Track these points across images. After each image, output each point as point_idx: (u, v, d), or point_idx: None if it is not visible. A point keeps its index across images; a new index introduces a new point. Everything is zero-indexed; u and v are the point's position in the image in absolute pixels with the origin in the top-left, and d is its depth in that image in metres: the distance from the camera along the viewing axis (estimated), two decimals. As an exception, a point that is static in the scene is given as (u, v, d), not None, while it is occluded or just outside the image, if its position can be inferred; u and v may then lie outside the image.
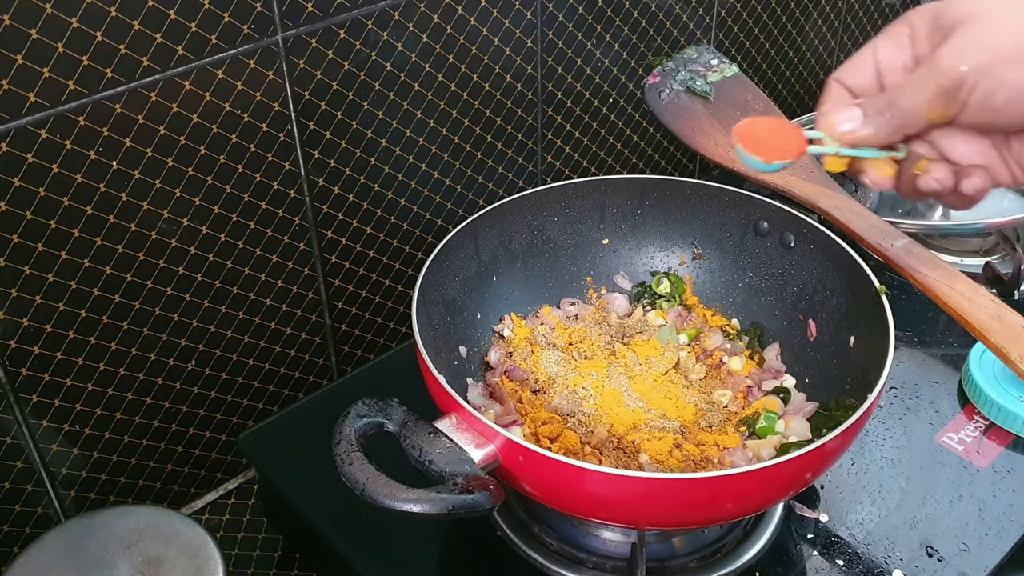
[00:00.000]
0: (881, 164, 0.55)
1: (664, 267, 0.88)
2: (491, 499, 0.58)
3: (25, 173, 0.63)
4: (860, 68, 0.55)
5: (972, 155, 0.53)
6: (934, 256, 0.68)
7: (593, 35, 0.95)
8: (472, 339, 0.81)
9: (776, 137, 0.56)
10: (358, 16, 0.76)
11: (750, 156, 0.56)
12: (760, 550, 0.72)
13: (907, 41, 0.53)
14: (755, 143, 0.56)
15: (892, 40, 0.53)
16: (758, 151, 0.56)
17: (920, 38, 0.52)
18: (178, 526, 0.63)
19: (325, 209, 0.82)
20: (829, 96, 0.56)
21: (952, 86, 0.48)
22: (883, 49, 0.54)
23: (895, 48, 0.53)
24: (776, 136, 0.56)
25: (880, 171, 0.55)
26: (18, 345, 0.68)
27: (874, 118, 0.52)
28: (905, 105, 0.51)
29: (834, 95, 0.55)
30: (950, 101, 0.49)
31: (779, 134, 0.57)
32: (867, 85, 0.55)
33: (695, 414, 0.75)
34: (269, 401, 0.87)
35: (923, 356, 0.90)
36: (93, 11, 0.62)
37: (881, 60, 0.54)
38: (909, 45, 0.53)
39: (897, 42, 0.53)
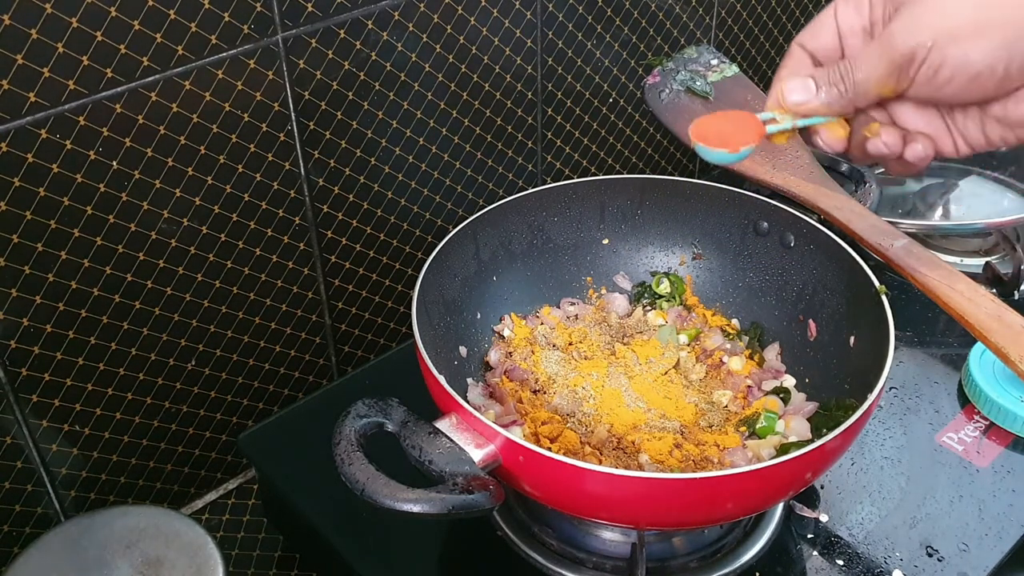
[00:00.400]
0: (834, 126, 0.56)
1: (664, 267, 0.88)
2: (491, 499, 0.58)
3: (25, 173, 0.63)
4: (821, 31, 0.56)
5: (920, 124, 0.54)
6: (934, 256, 0.68)
7: (593, 35, 0.95)
8: (472, 339, 0.81)
9: (732, 127, 0.57)
10: (358, 16, 0.76)
11: (715, 150, 0.56)
12: (760, 550, 0.72)
13: (866, 5, 0.54)
14: (715, 137, 0.56)
15: (852, 4, 0.55)
16: (721, 144, 0.56)
17: (877, 4, 0.53)
18: (178, 526, 0.63)
19: (325, 209, 0.82)
20: (790, 59, 0.57)
21: (903, 61, 0.50)
22: (843, 12, 0.55)
23: (855, 11, 0.54)
24: (732, 126, 0.57)
25: (833, 132, 0.56)
26: (18, 345, 0.68)
27: (827, 90, 0.54)
28: (858, 79, 0.52)
29: (795, 58, 0.57)
30: (900, 76, 0.50)
31: (734, 123, 0.57)
32: (828, 48, 0.56)
33: (695, 414, 0.75)
34: (269, 401, 0.87)
35: (923, 356, 0.90)
36: (93, 11, 0.62)
37: (841, 23, 0.55)
38: (867, 9, 0.54)
39: (856, 5, 0.54)
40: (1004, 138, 0.53)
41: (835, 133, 0.56)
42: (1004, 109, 0.51)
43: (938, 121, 0.54)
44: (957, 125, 0.54)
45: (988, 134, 0.53)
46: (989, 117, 0.52)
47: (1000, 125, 0.52)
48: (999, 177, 1.11)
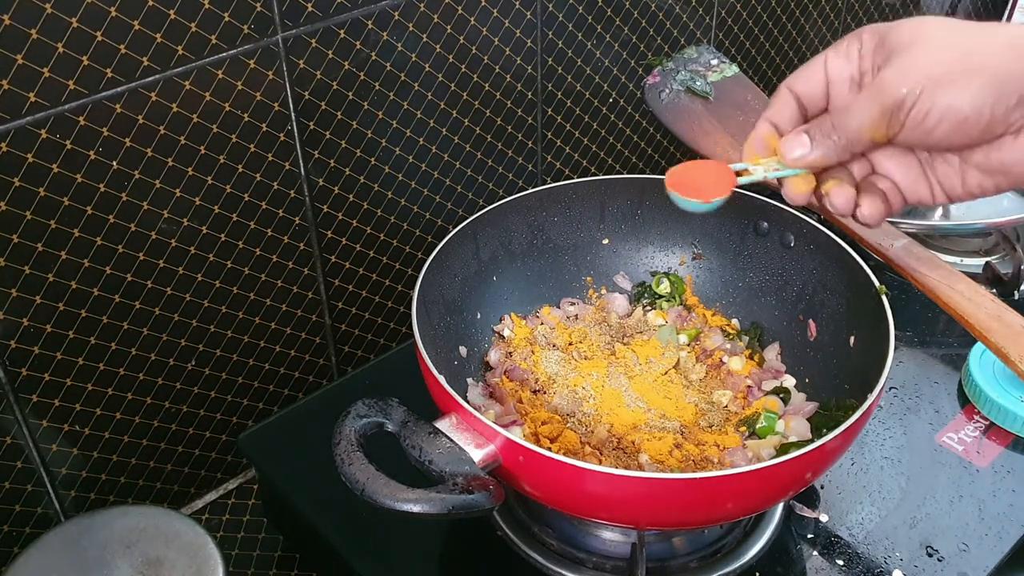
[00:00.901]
0: (799, 180, 0.58)
1: (664, 267, 0.88)
2: (491, 499, 0.58)
3: (25, 173, 0.63)
4: (810, 77, 0.57)
5: (898, 171, 0.56)
6: (934, 256, 0.68)
7: (593, 35, 0.95)
8: (472, 339, 0.81)
9: (707, 177, 0.59)
10: (358, 16, 0.76)
11: (689, 200, 0.58)
12: (760, 550, 0.72)
13: (856, 55, 0.55)
14: (690, 187, 0.59)
15: (842, 53, 0.56)
16: (695, 194, 0.58)
17: (867, 54, 0.55)
18: (178, 526, 0.63)
19: (325, 209, 0.82)
20: (777, 101, 0.58)
21: (894, 106, 0.51)
22: (833, 60, 0.56)
23: (844, 61, 0.56)
24: (707, 176, 0.59)
25: (797, 187, 0.58)
26: (18, 345, 0.68)
27: (822, 141, 0.55)
28: (851, 126, 0.54)
29: (781, 100, 0.58)
30: (891, 121, 0.52)
31: (709, 174, 0.60)
32: (814, 94, 0.57)
33: (695, 414, 0.75)
34: (269, 401, 0.87)
35: (923, 356, 0.91)
36: (93, 11, 0.62)
37: (831, 71, 0.56)
38: (857, 59, 0.55)
39: (847, 55, 0.56)
40: (982, 186, 0.54)
41: (800, 188, 0.58)
42: (985, 156, 0.53)
43: (917, 169, 0.56)
44: (937, 174, 0.56)
45: (967, 182, 0.54)
46: (969, 165, 0.54)
47: (979, 172, 0.54)
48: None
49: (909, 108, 0.51)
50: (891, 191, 0.57)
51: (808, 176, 0.57)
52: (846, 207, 0.57)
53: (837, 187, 0.57)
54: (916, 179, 0.56)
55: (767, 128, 0.58)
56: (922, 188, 0.56)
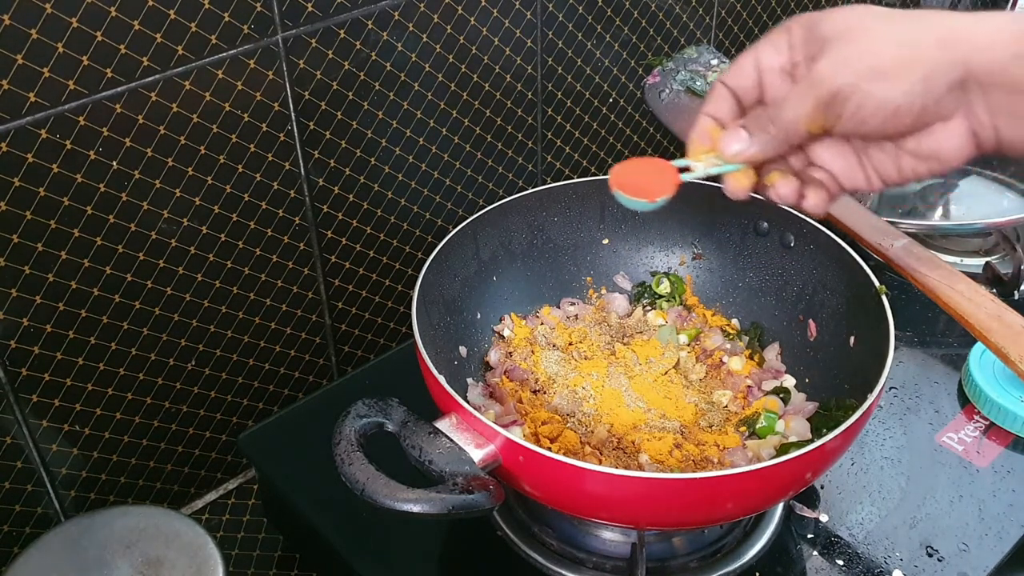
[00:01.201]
0: (739, 175, 0.59)
1: (664, 267, 0.88)
2: (491, 499, 0.58)
3: (25, 173, 0.63)
4: (743, 71, 0.58)
5: (834, 161, 0.57)
6: (934, 256, 0.68)
7: (593, 35, 0.95)
8: (472, 339, 0.81)
9: (651, 176, 0.60)
10: (358, 16, 0.76)
11: (634, 199, 0.59)
12: (760, 550, 0.72)
13: (785, 47, 0.56)
14: (634, 187, 0.59)
15: (772, 45, 0.57)
16: (640, 193, 0.59)
17: (797, 44, 0.55)
18: (178, 526, 0.63)
19: (325, 209, 0.82)
20: (712, 96, 0.59)
21: (830, 98, 0.52)
22: (763, 52, 0.57)
23: (774, 52, 0.57)
24: (650, 175, 0.60)
25: (738, 181, 0.59)
26: (18, 345, 0.68)
27: (759, 135, 0.56)
28: (787, 118, 0.54)
29: (719, 97, 0.59)
30: (828, 112, 0.53)
31: (651, 172, 0.60)
32: (748, 86, 0.58)
33: (695, 414, 0.75)
34: (269, 401, 0.87)
35: (923, 356, 0.91)
36: (93, 11, 0.62)
37: (762, 63, 0.57)
38: (787, 50, 0.56)
39: (776, 47, 0.57)
40: (916, 171, 0.55)
41: (740, 182, 0.59)
42: (918, 143, 0.54)
43: (852, 157, 0.57)
44: (872, 161, 0.56)
45: (902, 167, 0.55)
46: (903, 151, 0.55)
47: (913, 158, 0.55)
48: (999, 177, 1.11)
49: (845, 100, 0.51)
50: (829, 180, 0.58)
51: (748, 171, 0.58)
52: (792, 197, 0.58)
53: (782, 178, 0.58)
54: (852, 167, 0.57)
55: (707, 122, 0.59)
56: (858, 176, 0.57)
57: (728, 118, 0.59)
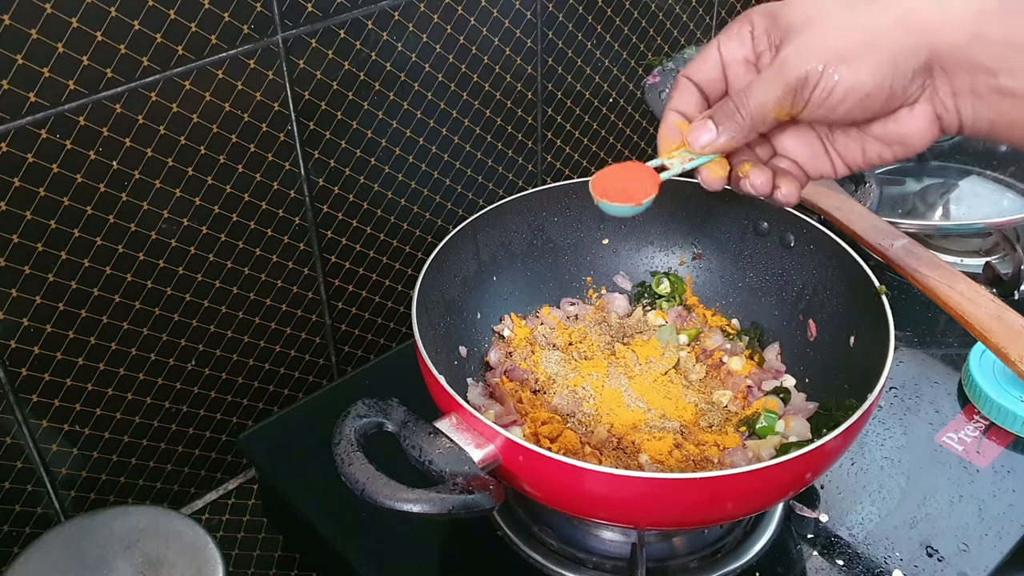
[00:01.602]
0: (714, 166, 0.59)
1: (664, 267, 0.88)
2: (491, 499, 0.58)
3: (25, 173, 0.63)
4: (706, 63, 0.58)
5: (800, 149, 0.58)
6: (934, 256, 0.69)
7: (593, 35, 0.95)
8: (472, 339, 0.81)
9: (630, 179, 0.60)
10: (358, 16, 0.76)
11: (619, 205, 0.59)
12: (760, 550, 0.72)
13: (748, 37, 0.56)
14: (616, 193, 0.59)
15: (734, 36, 0.57)
16: (623, 199, 0.59)
17: (759, 35, 0.56)
18: (178, 526, 0.63)
19: (325, 209, 0.82)
20: (676, 91, 0.60)
21: (797, 84, 0.52)
22: (726, 44, 0.57)
23: (737, 43, 0.57)
24: (629, 179, 0.60)
25: (713, 172, 0.59)
26: (18, 345, 0.68)
27: (727, 125, 0.56)
28: (754, 104, 0.54)
29: (681, 90, 0.59)
30: (796, 99, 0.53)
31: (630, 176, 0.60)
32: (712, 79, 0.58)
33: (695, 414, 0.75)
34: (269, 401, 0.87)
35: (923, 356, 0.91)
36: (93, 11, 0.62)
37: (724, 54, 0.57)
38: (750, 41, 0.56)
39: (739, 38, 0.57)
40: (881, 156, 0.55)
41: (715, 173, 0.59)
42: (884, 127, 0.54)
43: (817, 145, 0.57)
44: (837, 148, 0.57)
45: (867, 152, 0.56)
46: (869, 136, 0.55)
47: (879, 143, 0.55)
48: (999, 177, 1.11)
49: (813, 85, 0.52)
50: (794, 169, 0.58)
51: (722, 161, 0.59)
52: (766, 187, 0.58)
53: (755, 169, 0.58)
54: (817, 155, 0.57)
55: (674, 117, 0.59)
56: (823, 163, 0.57)
57: (694, 112, 0.59)
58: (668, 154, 0.59)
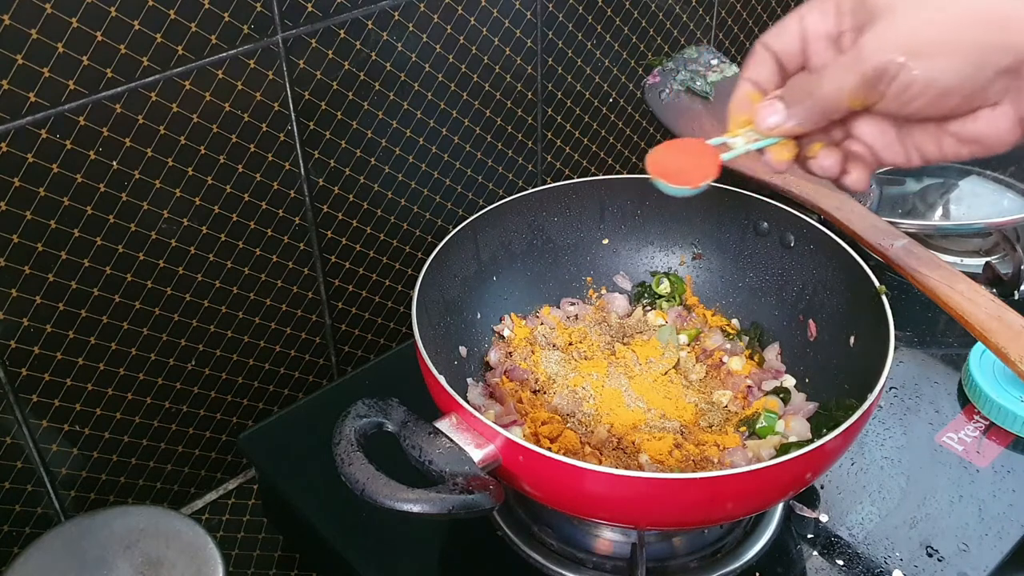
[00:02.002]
0: (780, 148, 0.56)
1: (664, 267, 0.88)
2: (491, 499, 0.58)
3: (25, 173, 0.63)
4: (786, 34, 0.55)
5: (874, 135, 0.55)
6: (934, 256, 0.68)
7: (593, 35, 0.95)
8: (472, 339, 0.81)
9: (690, 159, 0.57)
10: (358, 16, 0.76)
11: (676, 187, 0.56)
12: (760, 550, 0.72)
13: (833, 11, 0.54)
14: (673, 172, 0.56)
15: (819, 9, 0.54)
16: (682, 180, 0.56)
17: (845, 11, 0.53)
18: (178, 526, 0.63)
19: (325, 209, 0.82)
20: (753, 60, 0.57)
21: (874, 75, 0.50)
22: (809, 16, 0.55)
23: (820, 17, 0.54)
24: (689, 157, 0.57)
25: (779, 154, 0.56)
26: (18, 345, 0.68)
27: (796, 109, 0.54)
28: (828, 93, 0.52)
29: (760, 60, 0.56)
30: (871, 90, 0.51)
31: (690, 155, 0.57)
32: (792, 51, 0.55)
33: (695, 414, 0.75)
34: (269, 401, 0.87)
35: (923, 356, 0.90)
36: (93, 11, 0.62)
37: (807, 27, 0.55)
38: (834, 16, 0.54)
39: (823, 11, 0.54)
40: (958, 152, 0.53)
41: (781, 155, 0.56)
42: (962, 126, 0.52)
43: (893, 133, 0.55)
44: (913, 139, 0.54)
45: (943, 148, 0.54)
46: (945, 132, 0.53)
47: (955, 140, 0.53)
48: (999, 177, 1.11)
49: (890, 79, 0.50)
50: (867, 155, 0.56)
51: (789, 143, 0.56)
52: (834, 170, 0.56)
53: (825, 150, 0.56)
54: (892, 143, 0.55)
55: (747, 87, 0.57)
56: (898, 152, 0.55)
57: (769, 84, 0.56)
58: (735, 125, 0.57)
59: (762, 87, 0.56)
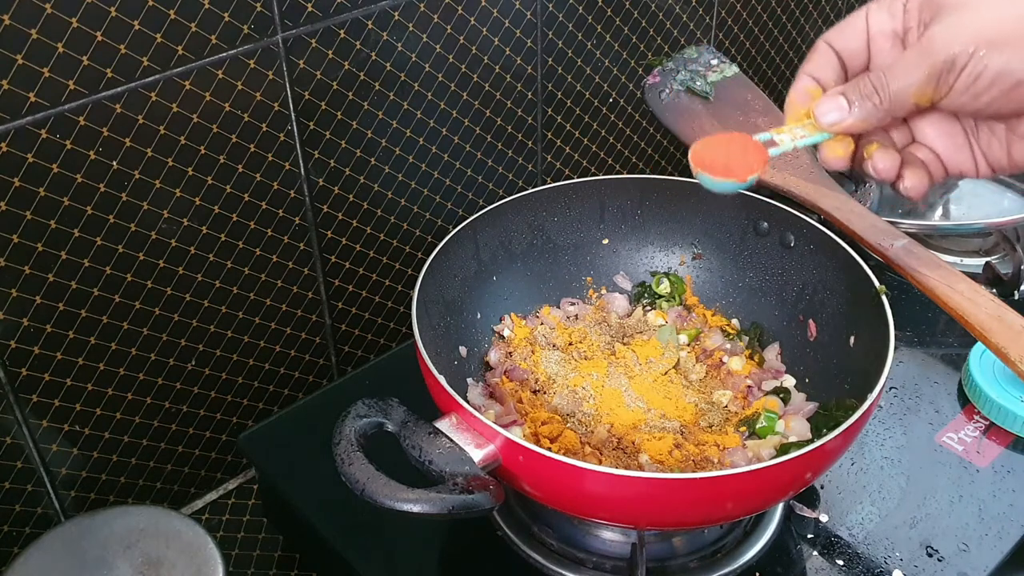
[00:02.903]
0: (835, 145, 0.54)
1: (664, 267, 0.88)
2: (491, 499, 0.58)
3: (25, 173, 0.63)
4: (851, 32, 0.54)
5: (940, 139, 0.53)
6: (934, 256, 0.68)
7: (593, 35, 0.95)
8: (472, 339, 0.81)
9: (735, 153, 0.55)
10: (358, 16, 0.76)
11: (721, 181, 0.54)
12: (760, 550, 0.72)
13: (900, 9, 0.52)
14: (719, 167, 0.54)
15: (885, 7, 0.53)
16: (727, 173, 0.54)
17: (912, 9, 0.52)
18: (178, 526, 0.63)
19: (325, 209, 0.82)
20: (816, 55, 0.55)
21: (943, 67, 0.48)
22: (875, 14, 0.53)
23: (888, 15, 0.53)
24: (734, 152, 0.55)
25: (834, 152, 0.54)
26: (18, 345, 0.68)
27: (860, 104, 0.52)
28: (895, 88, 0.50)
29: (821, 55, 0.55)
30: (940, 84, 0.49)
31: (736, 149, 0.55)
32: (855, 50, 0.54)
33: (695, 414, 0.75)
34: (269, 401, 0.87)
35: (923, 356, 0.90)
36: (93, 11, 0.62)
37: (872, 26, 0.53)
38: (901, 13, 0.52)
39: (891, 10, 0.53)
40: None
41: (836, 152, 0.54)
42: None
43: (961, 137, 0.53)
44: (981, 144, 0.53)
45: (1012, 153, 0.52)
46: (1016, 135, 0.51)
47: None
48: (999, 177, 1.11)
49: (960, 70, 0.48)
50: (932, 162, 0.54)
51: (845, 139, 0.54)
52: (890, 173, 0.53)
53: (881, 151, 0.53)
54: (959, 149, 0.53)
55: (807, 82, 0.55)
56: (965, 159, 0.53)
57: (830, 81, 0.54)
58: (792, 120, 0.55)
59: (823, 83, 0.55)
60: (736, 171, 0.53)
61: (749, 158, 0.54)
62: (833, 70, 0.55)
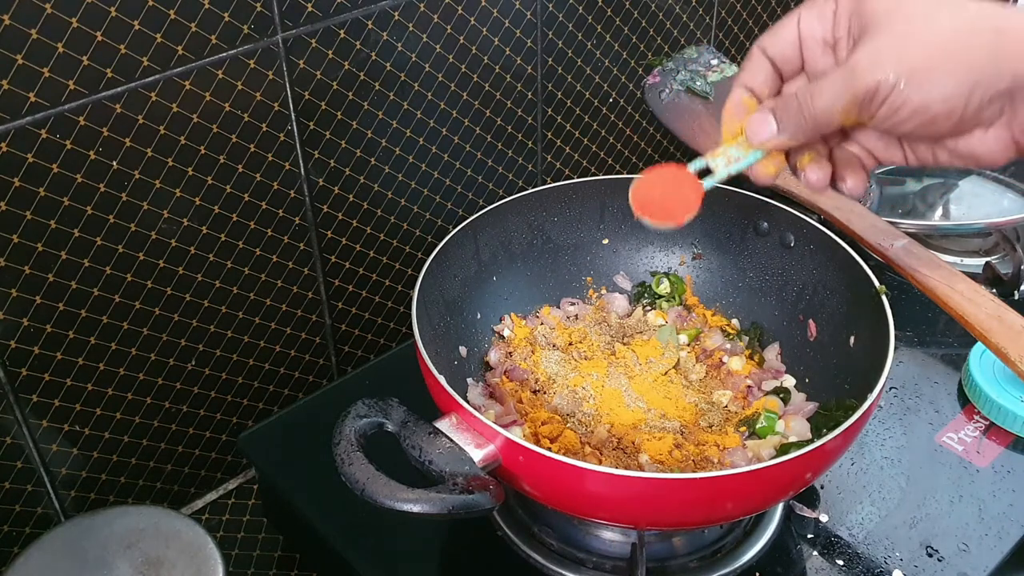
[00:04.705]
0: (767, 163, 0.56)
1: (664, 267, 0.88)
2: (491, 499, 0.58)
3: (25, 173, 0.63)
4: (783, 37, 0.55)
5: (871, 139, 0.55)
6: (934, 256, 0.69)
7: (593, 35, 0.95)
8: (472, 339, 0.81)
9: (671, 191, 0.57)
10: (358, 16, 0.76)
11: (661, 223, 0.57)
12: (760, 550, 0.72)
13: (830, 15, 0.53)
14: (656, 208, 0.57)
15: (816, 12, 0.54)
16: (664, 216, 0.57)
17: (842, 15, 0.52)
18: (178, 526, 0.63)
19: (325, 209, 0.82)
20: (749, 63, 0.56)
21: (866, 96, 0.49)
22: (806, 20, 0.54)
23: (818, 20, 0.54)
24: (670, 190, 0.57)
25: (766, 170, 0.56)
26: (18, 345, 0.68)
27: (788, 124, 0.53)
28: (819, 108, 0.52)
29: (756, 64, 0.56)
30: (863, 110, 0.50)
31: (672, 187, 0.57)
32: (789, 56, 0.55)
33: (695, 414, 0.75)
34: (269, 401, 0.87)
35: (923, 356, 0.90)
36: (93, 11, 0.62)
37: (804, 30, 0.54)
38: (831, 20, 0.53)
39: (821, 14, 0.54)
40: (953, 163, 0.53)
41: (767, 170, 0.56)
42: (955, 143, 0.52)
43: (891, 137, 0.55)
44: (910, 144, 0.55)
45: (938, 157, 0.54)
46: (941, 147, 0.53)
47: (949, 154, 0.53)
48: (999, 177, 1.11)
49: (882, 100, 0.49)
50: (865, 157, 0.56)
51: (776, 157, 0.56)
52: (822, 183, 0.55)
53: (813, 164, 0.55)
54: (890, 145, 0.55)
55: (742, 94, 0.56)
56: (896, 153, 0.55)
57: (764, 90, 0.56)
58: (729, 135, 0.56)
59: (757, 93, 0.56)
60: (673, 212, 0.56)
61: (685, 194, 0.56)
62: (767, 78, 0.56)
